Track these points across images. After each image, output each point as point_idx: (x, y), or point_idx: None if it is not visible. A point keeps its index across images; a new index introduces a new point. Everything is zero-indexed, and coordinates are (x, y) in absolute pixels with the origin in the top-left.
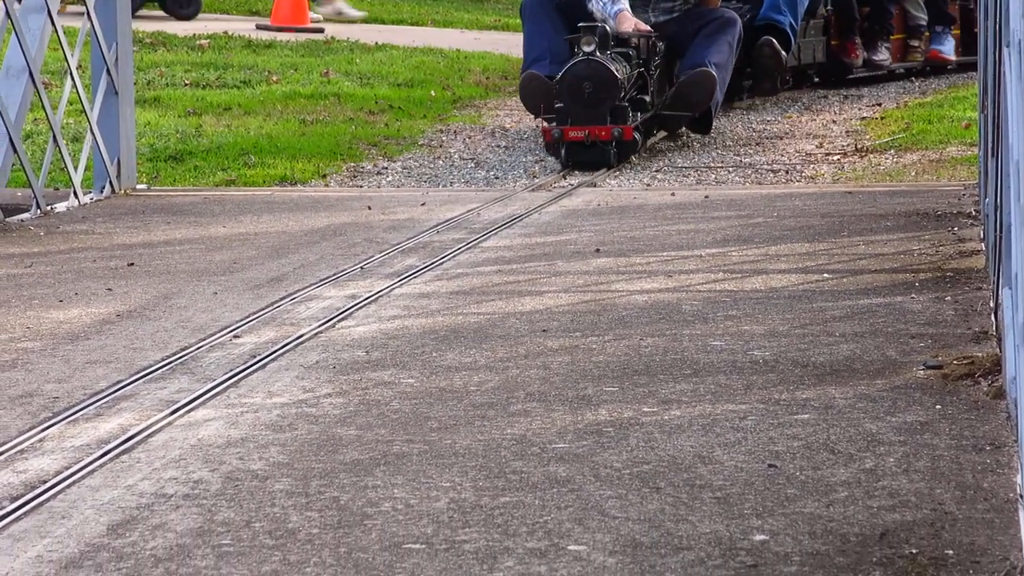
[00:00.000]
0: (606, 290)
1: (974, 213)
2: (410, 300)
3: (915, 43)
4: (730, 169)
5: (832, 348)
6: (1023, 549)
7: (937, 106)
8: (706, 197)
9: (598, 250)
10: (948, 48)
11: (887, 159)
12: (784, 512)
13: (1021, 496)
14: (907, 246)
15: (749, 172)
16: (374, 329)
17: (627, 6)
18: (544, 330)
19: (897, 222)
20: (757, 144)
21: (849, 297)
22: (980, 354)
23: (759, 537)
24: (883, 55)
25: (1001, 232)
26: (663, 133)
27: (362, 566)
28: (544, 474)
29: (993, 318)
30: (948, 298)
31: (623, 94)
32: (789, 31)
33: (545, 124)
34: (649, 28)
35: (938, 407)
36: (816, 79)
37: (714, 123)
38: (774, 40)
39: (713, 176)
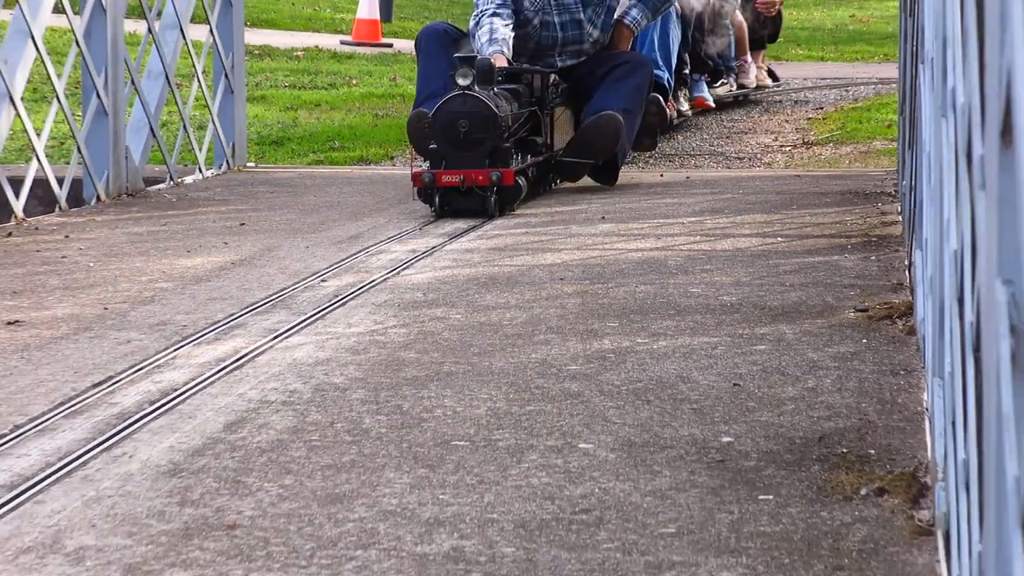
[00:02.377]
0: (609, 248)
1: (893, 192)
2: (457, 254)
3: (685, 91)
4: (706, 156)
5: (783, 295)
6: (928, 449)
7: (866, 110)
8: (687, 178)
9: (603, 218)
10: (706, 92)
11: (827, 150)
12: (745, 420)
13: (926, 409)
14: (842, 217)
15: (720, 159)
16: (429, 276)
17: (505, 48)
18: (561, 278)
19: (834, 199)
20: (727, 138)
21: (797, 256)
22: (897, 300)
23: (726, 439)
24: (685, 105)
25: (914, 207)
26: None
27: (419, 457)
28: (560, 389)
29: (907, 273)
30: (873, 257)
31: (506, 134)
32: (668, 86)
33: (415, 168)
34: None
35: (864, 341)
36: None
37: (620, 173)
38: (659, 98)
39: (693, 162)
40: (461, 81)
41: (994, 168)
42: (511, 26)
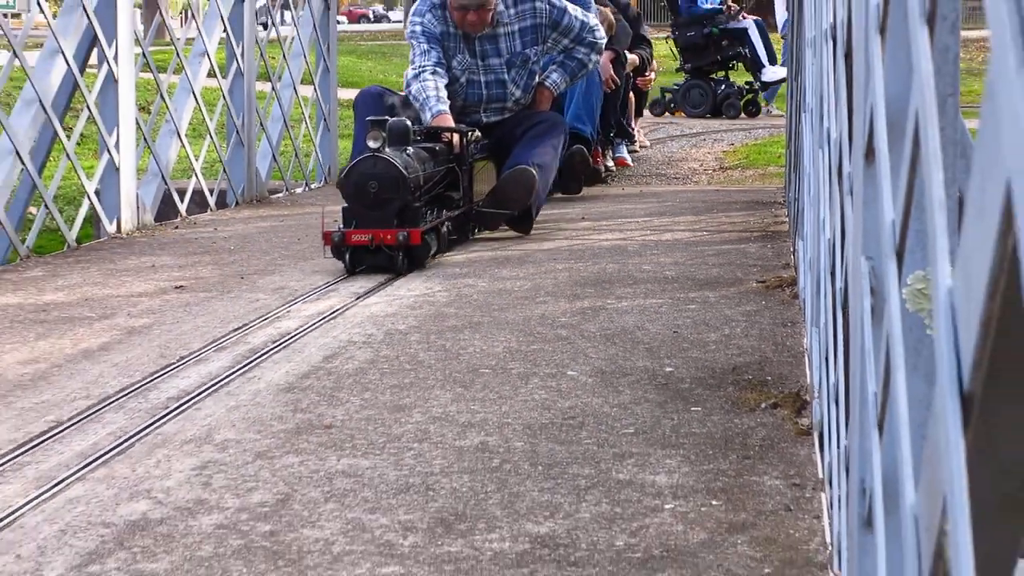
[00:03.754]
0: (587, 238)
1: (782, 202)
2: (483, 243)
3: (610, 151)
4: (653, 177)
5: (707, 271)
6: (807, 377)
7: (763, 146)
8: (641, 191)
9: (583, 218)
10: (625, 153)
11: (736, 173)
12: (681, 356)
13: (806, 349)
14: (747, 218)
15: (663, 178)
16: (464, 258)
17: (448, 109)
18: (554, 259)
19: (742, 206)
20: (667, 164)
21: (716, 244)
22: (786, 275)
23: (668, 368)
24: (610, 162)
25: (798, 211)
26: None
27: (457, 380)
28: (554, 334)
29: (792, 256)
30: (769, 246)
31: (417, 192)
32: (591, 138)
33: (326, 228)
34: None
35: (763, 302)
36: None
37: (534, 223)
38: (584, 149)
39: (644, 180)
40: (371, 144)
41: (860, 179)
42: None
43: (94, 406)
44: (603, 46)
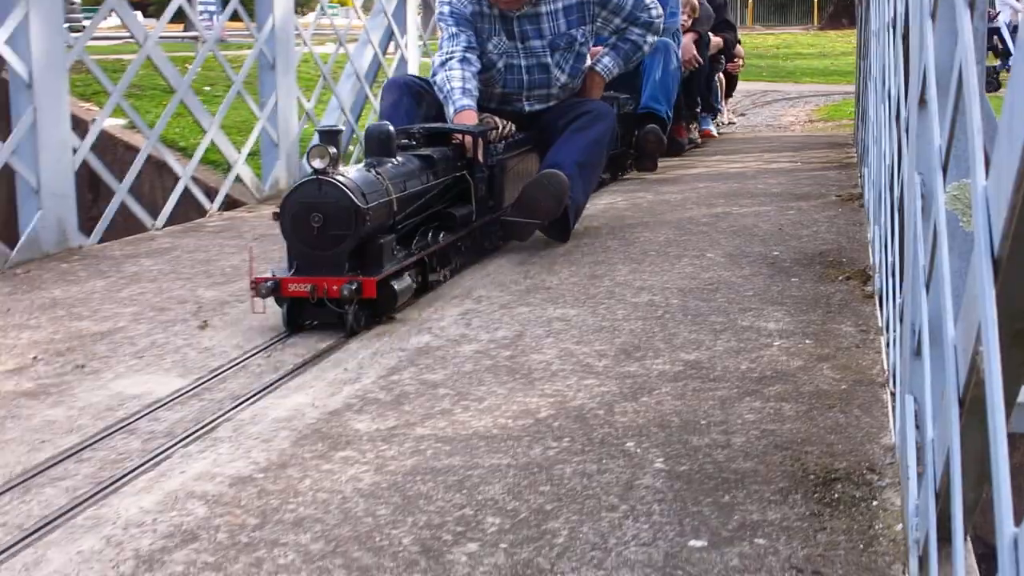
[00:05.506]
0: (719, 167)
1: (852, 143)
2: (634, 180)
3: (696, 124)
4: (763, 127)
5: (801, 188)
6: (870, 258)
7: (838, 106)
8: (755, 137)
9: (716, 154)
10: (711, 126)
11: (820, 124)
12: (784, 245)
13: (870, 240)
14: (827, 154)
15: (770, 127)
16: (638, 182)
17: (474, 104)
18: (697, 180)
19: (824, 146)
20: (773, 118)
21: (807, 171)
22: (855, 192)
23: (775, 253)
24: (695, 134)
25: (863, 150)
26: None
27: (633, 259)
28: (698, 229)
29: (859, 179)
30: (843, 172)
31: (392, 221)
32: (666, 118)
33: (256, 274)
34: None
35: (840, 210)
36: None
37: (574, 227)
38: (658, 128)
39: (758, 129)
40: (316, 164)
41: (914, 120)
42: (477, 74)
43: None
44: (660, 26)
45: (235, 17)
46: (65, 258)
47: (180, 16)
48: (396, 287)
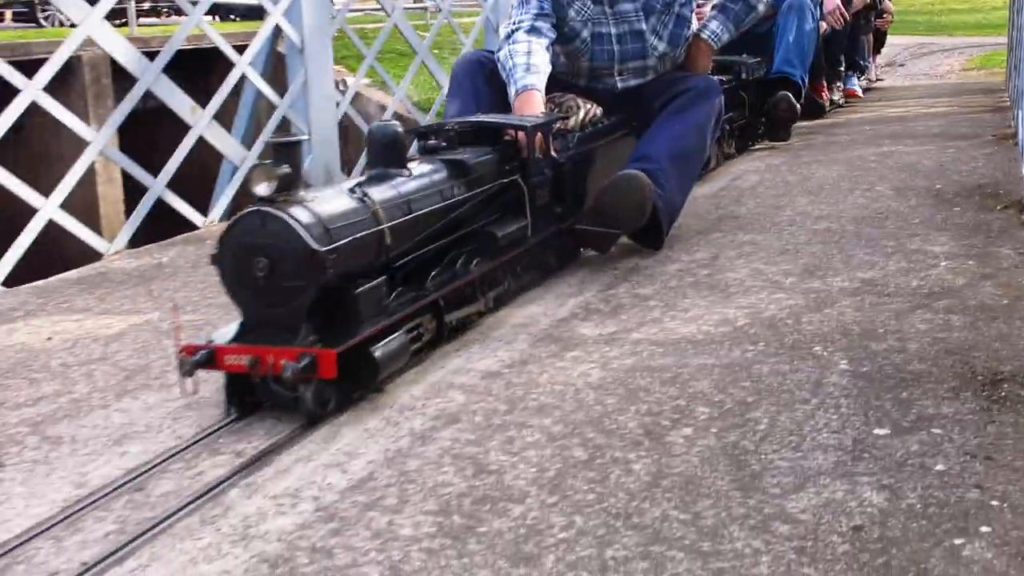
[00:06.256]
0: (881, 112)
1: (1005, 88)
2: (801, 130)
3: (839, 83)
4: (921, 76)
5: (959, 129)
6: None
7: (990, 55)
8: (914, 84)
9: (880, 99)
10: (856, 85)
11: (974, 72)
12: (946, 179)
13: (1022, 176)
14: (982, 99)
15: (928, 76)
16: (803, 126)
17: (541, 83)
18: (863, 123)
19: (979, 92)
20: (930, 67)
21: (964, 114)
22: (1009, 132)
23: (938, 186)
24: (838, 95)
25: (1017, 95)
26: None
27: (811, 191)
28: (867, 166)
29: (1012, 121)
30: (997, 115)
31: (384, 258)
32: (800, 83)
33: (184, 341)
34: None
35: (995, 148)
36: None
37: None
38: (790, 95)
39: (916, 78)
40: (260, 190)
41: None
42: (551, 47)
43: None
44: None
45: None
46: None
47: None
48: (378, 354)
